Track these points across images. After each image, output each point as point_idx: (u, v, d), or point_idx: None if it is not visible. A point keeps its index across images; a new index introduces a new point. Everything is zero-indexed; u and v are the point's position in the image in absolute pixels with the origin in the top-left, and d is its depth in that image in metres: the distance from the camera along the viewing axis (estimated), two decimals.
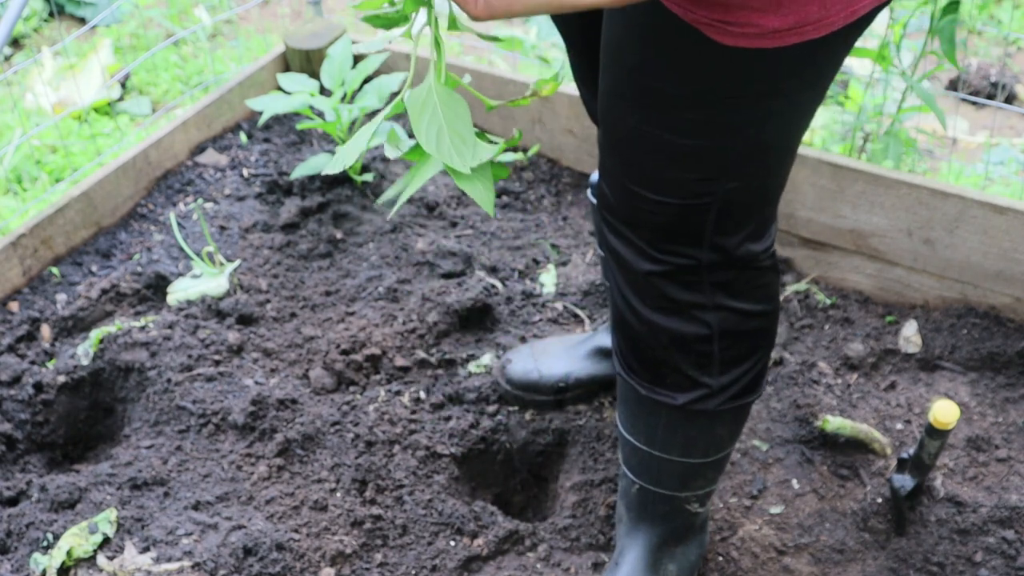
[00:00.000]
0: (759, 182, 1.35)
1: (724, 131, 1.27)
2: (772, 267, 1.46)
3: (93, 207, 2.36)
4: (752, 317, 1.46)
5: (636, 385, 1.53)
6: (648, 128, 1.29)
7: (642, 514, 1.70)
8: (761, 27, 1.12)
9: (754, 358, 1.50)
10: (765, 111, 1.26)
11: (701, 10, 1.13)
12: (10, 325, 2.16)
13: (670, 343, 1.45)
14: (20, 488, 1.89)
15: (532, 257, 2.35)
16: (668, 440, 1.57)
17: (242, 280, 2.25)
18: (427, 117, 1.03)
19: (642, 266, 1.40)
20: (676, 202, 1.33)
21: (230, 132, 2.67)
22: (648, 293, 1.42)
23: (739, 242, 1.39)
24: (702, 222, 1.35)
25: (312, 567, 1.76)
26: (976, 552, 1.81)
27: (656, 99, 1.26)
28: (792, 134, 1.32)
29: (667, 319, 1.43)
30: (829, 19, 1.13)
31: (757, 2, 1.11)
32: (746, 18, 1.12)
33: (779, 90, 1.24)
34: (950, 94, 2.44)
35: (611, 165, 1.38)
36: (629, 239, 1.40)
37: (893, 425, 2.00)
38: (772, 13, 1.11)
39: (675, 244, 1.37)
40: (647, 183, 1.34)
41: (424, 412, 2.01)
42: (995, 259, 2.11)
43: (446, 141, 1.03)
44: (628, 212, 1.38)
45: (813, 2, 1.11)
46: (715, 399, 1.50)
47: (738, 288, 1.43)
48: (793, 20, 1.12)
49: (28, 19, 3.48)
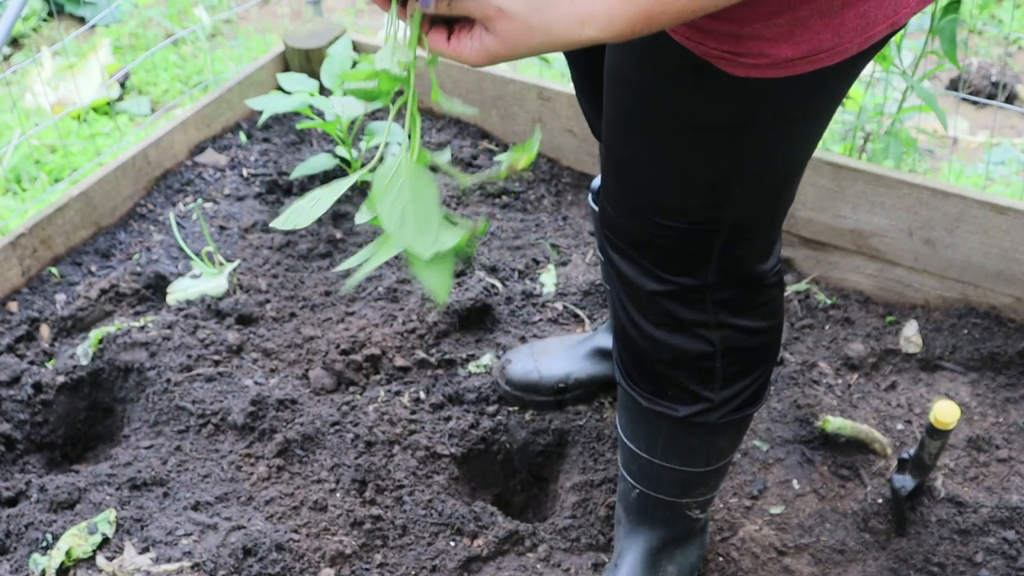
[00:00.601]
0: (767, 205, 1.33)
1: (732, 158, 1.25)
2: (777, 283, 1.45)
3: (92, 207, 2.36)
4: (756, 334, 1.44)
5: (637, 396, 1.52)
6: (655, 156, 1.27)
7: (642, 518, 1.70)
8: (773, 57, 1.10)
9: (756, 372, 1.48)
10: (773, 138, 1.24)
11: (711, 42, 1.10)
12: (9, 325, 2.15)
13: (672, 359, 1.44)
14: (19, 488, 1.88)
15: (532, 257, 2.35)
16: (669, 449, 1.56)
17: (242, 280, 2.25)
18: (392, 195, 0.99)
19: (646, 285, 1.38)
20: (683, 227, 1.31)
21: (230, 132, 2.67)
22: (651, 310, 1.41)
23: (745, 262, 1.37)
24: (710, 246, 1.33)
25: (312, 567, 1.76)
26: (977, 552, 1.80)
27: (663, 127, 1.24)
28: (800, 158, 1.30)
29: (670, 336, 1.42)
30: (843, 46, 1.11)
31: (769, 32, 1.08)
32: (758, 48, 1.09)
33: (789, 117, 1.22)
34: (951, 94, 2.44)
35: (616, 188, 1.35)
36: (633, 259, 1.38)
37: (894, 425, 2.00)
38: (785, 42, 1.09)
39: (681, 266, 1.35)
40: (654, 208, 1.31)
41: (424, 412, 2.01)
42: (996, 259, 2.11)
43: (409, 222, 0.99)
44: (633, 234, 1.36)
45: (826, 29, 1.09)
46: (716, 412, 1.49)
47: (742, 306, 1.41)
48: (806, 48, 1.10)
49: (27, 19, 3.48)
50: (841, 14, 1.08)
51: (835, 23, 1.09)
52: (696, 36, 1.11)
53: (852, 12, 1.09)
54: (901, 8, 1.12)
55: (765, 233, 1.37)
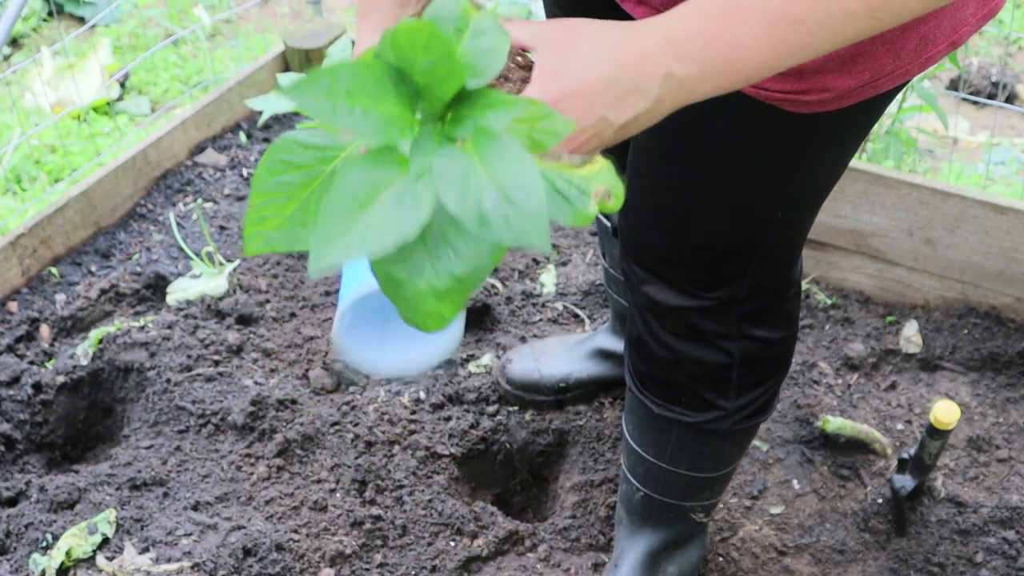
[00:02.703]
0: (804, 222, 1.32)
1: (776, 185, 1.23)
2: (796, 294, 1.43)
3: (92, 207, 2.36)
4: (773, 344, 1.42)
5: (648, 402, 1.50)
6: (696, 181, 1.25)
7: (644, 519, 1.69)
8: (836, 89, 1.08)
9: (770, 382, 1.47)
10: (820, 162, 1.22)
11: (773, 84, 1.08)
12: (9, 325, 2.15)
13: (690, 368, 1.42)
14: (19, 488, 1.88)
15: (532, 257, 2.35)
16: (677, 455, 1.55)
17: (241, 280, 2.25)
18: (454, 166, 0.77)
19: (671, 300, 1.36)
20: (720, 246, 1.29)
21: (229, 132, 2.67)
22: (673, 322, 1.39)
23: (773, 277, 1.36)
24: (747, 264, 1.31)
25: (312, 567, 1.76)
26: (977, 552, 1.80)
27: (707, 158, 1.22)
28: (841, 173, 1.29)
29: (690, 346, 1.40)
30: (903, 68, 1.09)
31: (831, 64, 1.06)
32: (821, 83, 1.07)
33: (838, 141, 1.20)
34: (951, 94, 2.44)
35: (643, 209, 1.31)
36: (660, 274, 1.35)
37: (894, 425, 2.00)
38: (848, 73, 1.07)
39: (714, 283, 1.33)
40: (689, 228, 1.29)
41: (424, 412, 2.01)
42: (996, 259, 2.11)
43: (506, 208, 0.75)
44: (660, 253, 1.33)
45: (887, 55, 1.07)
46: (729, 420, 1.48)
47: (763, 317, 1.39)
48: (869, 75, 1.08)
49: (27, 18, 3.47)
50: (902, 38, 1.06)
51: (896, 47, 1.07)
52: (759, 81, 1.08)
53: (912, 35, 1.07)
54: (960, 27, 1.10)
55: (797, 246, 1.36)
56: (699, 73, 0.89)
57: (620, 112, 0.89)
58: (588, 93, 0.89)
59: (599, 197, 0.84)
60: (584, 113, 0.89)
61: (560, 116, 0.82)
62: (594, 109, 0.89)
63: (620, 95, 0.89)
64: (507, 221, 0.74)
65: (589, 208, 0.83)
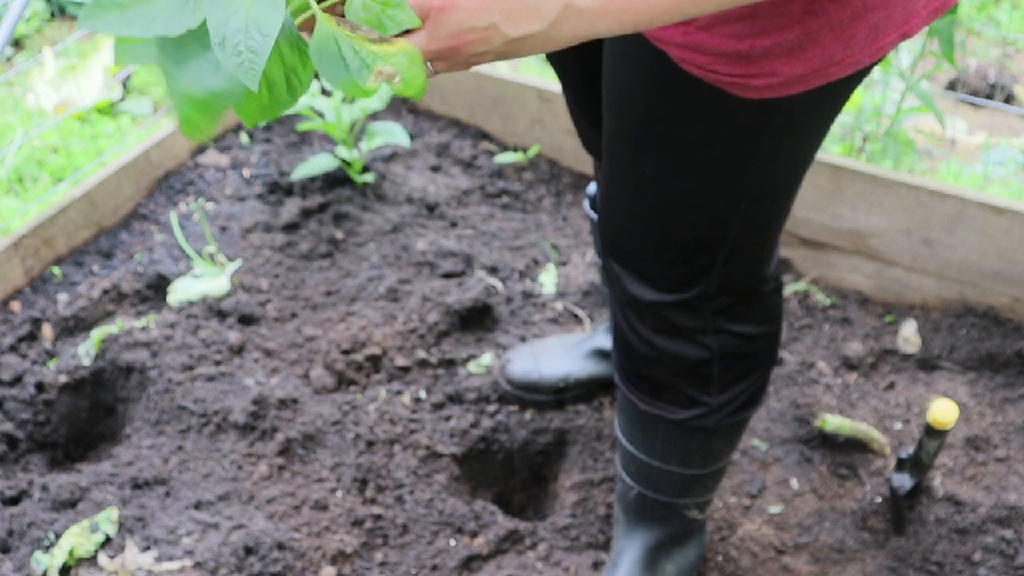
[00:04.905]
0: (771, 216, 1.33)
1: (739, 173, 1.24)
2: (776, 290, 1.45)
3: (94, 207, 2.37)
4: (754, 340, 1.44)
5: (635, 399, 1.52)
6: (660, 171, 1.26)
7: (640, 517, 1.70)
8: (785, 75, 1.09)
9: (753, 377, 1.49)
10: (781, 151, 1.23)
11: (722, 67, 1.10)
12: (12, 325, 2.16)
13: (670, 364, 1.44)
14: (22, 487, 1.89)
15: (532, 257, 2.35)
16: (667, 452, 1.57)
17: (243, 280, 2.26)
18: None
19: (646, 295, 1.38)
20: (687, 240, 1.31)
21: (231, 132, 2.67)
22: (650, 317, 1.41)
23: (746, 272, 1.37)
24: (713, 258, 1.33)
25: (313, 566, 1.76)
26: (975, 551, 1.81)
27: (667, 146, 1.23)
28: (803, 168, 1.30)
29: (668, 341, 1.42)
30: (853, 57, 1.10)
31: (779, 49, 1.07)
32: (770, 67, 1.09)
33: (796, 129, 1.21)
34: (949, 95, 2.45)
35: (617, 204, 1.35)
36: (634, 269, 1.37)
37: (892, 425, 2.01)
38: (796, 58, 1.08)
39: (684, 278, 1.35)
40: (657, 222, 1.31)
41: (424, 412, 2.02)
42: (994, 259, 2.12)
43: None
44: (634, 248, 1.36)
45: (836, 43, 1.08)
46: (713, 416, 1.49)
47: (740, 313, 1.41)
48: (817, 63, 1.09)
49: (30, 20, 3.48)
50: (851, 26, 1.07)
51: (845, 36, 1.08)
52: (705, 63, 1.10)
53: (862, 24, 1.08)
54: (912, 18, 1.11)
55: (766, 242, 1.37)
56: (600, 7, 0.91)
57: (513, 25, 0.92)
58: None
59: (383, 76, 0.90)
60: (477, 14, 0.91)
61: (409, 11, 0.89)
62: (488, 13, 0.91)
63: (518, 8, 0.91)
64: (236, 49, 0.84)
65: (367, 82, 0.89)
